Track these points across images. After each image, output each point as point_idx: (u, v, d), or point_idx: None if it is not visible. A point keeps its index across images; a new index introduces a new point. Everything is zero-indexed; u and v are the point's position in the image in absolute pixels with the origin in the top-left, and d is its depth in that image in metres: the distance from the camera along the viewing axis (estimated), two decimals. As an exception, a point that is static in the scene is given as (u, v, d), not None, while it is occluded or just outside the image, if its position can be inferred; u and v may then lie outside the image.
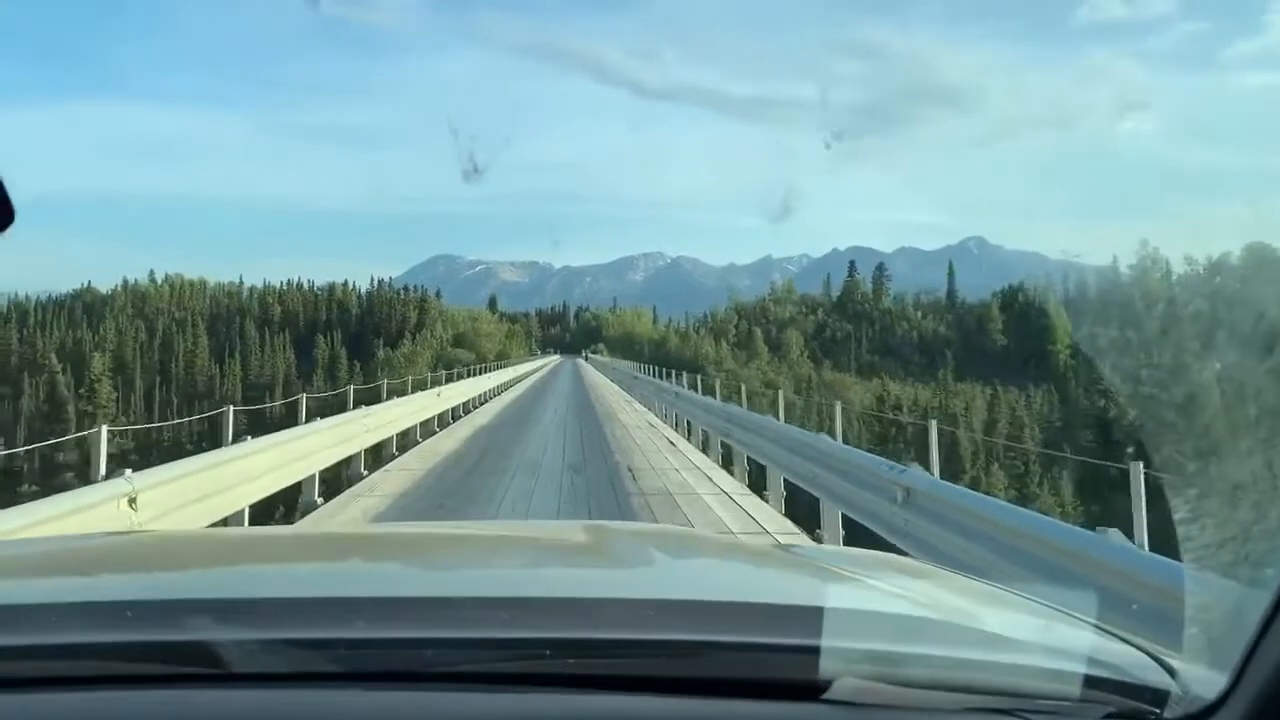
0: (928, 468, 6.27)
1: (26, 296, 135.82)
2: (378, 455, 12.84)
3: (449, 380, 23.28)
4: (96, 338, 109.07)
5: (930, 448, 7.01)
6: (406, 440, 14.66)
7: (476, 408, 24.31)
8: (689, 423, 17.44)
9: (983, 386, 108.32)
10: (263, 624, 0.83)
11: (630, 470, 12.33)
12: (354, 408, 11.95)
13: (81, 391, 77.60)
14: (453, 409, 20.24)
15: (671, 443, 16.43)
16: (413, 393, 16.98)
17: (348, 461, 11.26)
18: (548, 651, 0.79)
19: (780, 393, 13.53)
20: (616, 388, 37.93)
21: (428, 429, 16.56)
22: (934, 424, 7.33)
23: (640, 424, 20.83)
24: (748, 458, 11.60)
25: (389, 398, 14.63)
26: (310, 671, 0.76)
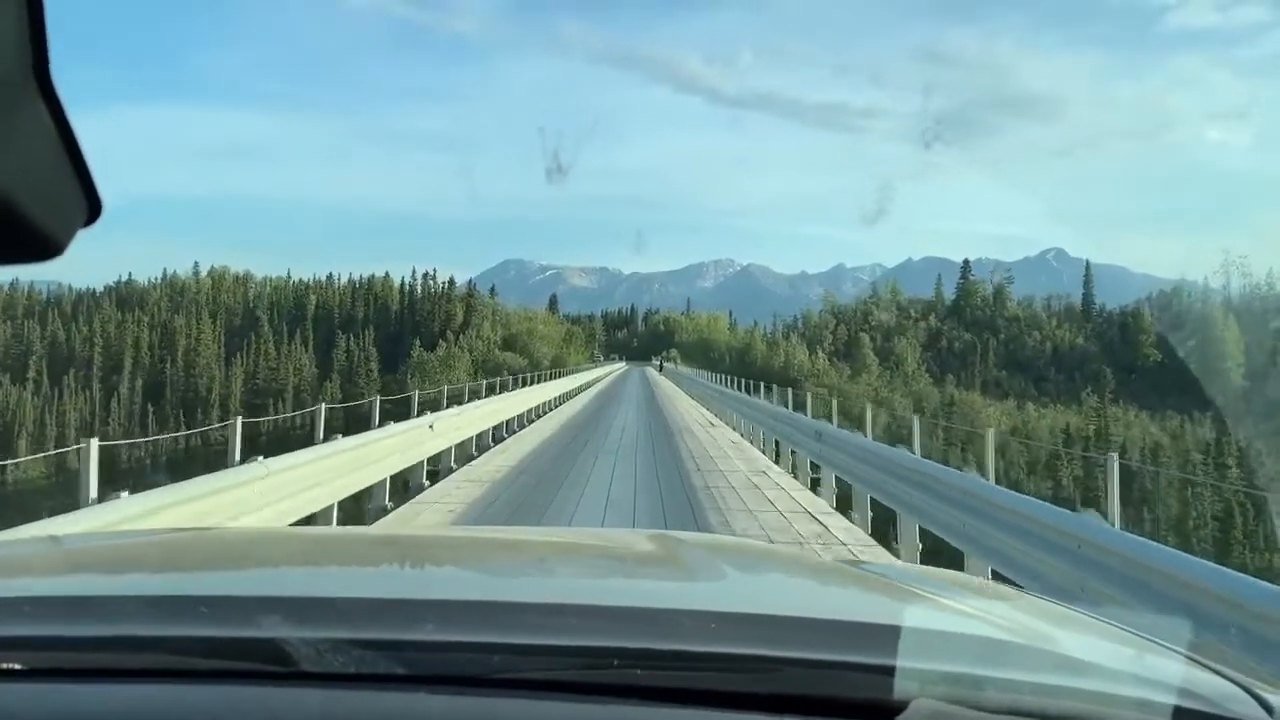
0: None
1: (70, 288, 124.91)
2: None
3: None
4: (87, 332, 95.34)
5: None
6: None
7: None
8: None
9: (1137, 411, 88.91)
10: (333, 623, 0.82)
11: None
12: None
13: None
14: None
15: None
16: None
17: None
18: (615, 661, 0.77)
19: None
20: None
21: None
22: None
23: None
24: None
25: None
26: (377, 673, 0.75)
